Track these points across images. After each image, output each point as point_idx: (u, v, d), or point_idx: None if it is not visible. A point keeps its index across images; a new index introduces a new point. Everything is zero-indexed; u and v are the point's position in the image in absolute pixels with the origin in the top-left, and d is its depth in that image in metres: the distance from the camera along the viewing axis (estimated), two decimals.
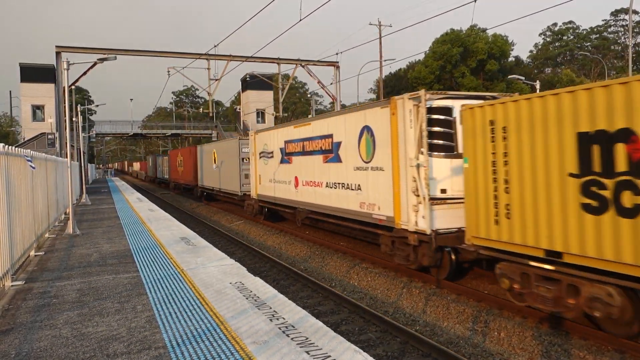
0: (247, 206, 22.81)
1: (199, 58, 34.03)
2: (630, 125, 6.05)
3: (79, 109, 31.85)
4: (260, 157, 20.41)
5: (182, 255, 9.42)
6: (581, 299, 7.06)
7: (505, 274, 8.28)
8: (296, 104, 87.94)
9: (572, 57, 69.67)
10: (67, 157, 15.35)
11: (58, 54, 30.98)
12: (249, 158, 22.49)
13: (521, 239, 7.62)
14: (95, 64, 23.70)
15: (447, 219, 9.74)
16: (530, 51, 76.05)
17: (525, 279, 7.93)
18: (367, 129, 11.94)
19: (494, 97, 9.95)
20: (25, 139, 45.31)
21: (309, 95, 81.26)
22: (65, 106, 19.60)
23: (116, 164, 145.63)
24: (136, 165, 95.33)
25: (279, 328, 5.18)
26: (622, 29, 68.77)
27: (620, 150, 6.17)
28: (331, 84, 38.60)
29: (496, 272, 8.51)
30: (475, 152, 8.54)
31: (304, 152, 15.89)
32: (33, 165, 9.90)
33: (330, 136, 13.89)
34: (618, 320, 6.77)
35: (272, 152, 18.87)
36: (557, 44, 72.36)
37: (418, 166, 9.83)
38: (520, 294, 8.08)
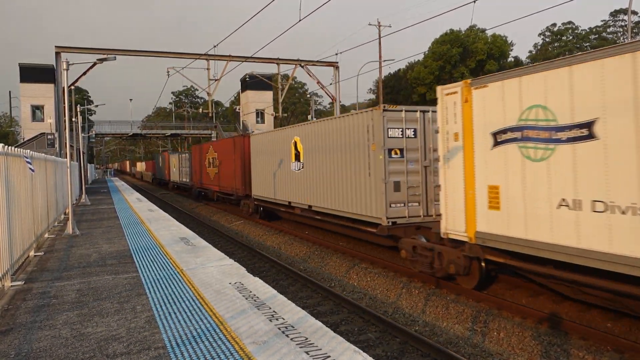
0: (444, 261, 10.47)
1: (199, 58, 34.02)
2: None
3: (78, 109, 31.85)
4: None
5: (181, 256, 9.42)
6: None
7: None
8: (296, 104, 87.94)
9: None
10: (66, 158, 15.34)
11: (58, 54, 30.98)
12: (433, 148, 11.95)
13: None
14: (94, 64, 23.70)
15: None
16: (530, 51, 76.12)
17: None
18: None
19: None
20: (25, 139, 45.29)
21: (308, 96, 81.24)
22: (64, 106, 19.60)
23: (116, 164, 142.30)
24: (140, 166, 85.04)
25: (279, 328, 5.18)
26: (621, 30, 68.85)
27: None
28: (331, 84, 38.61)
29: None
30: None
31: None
32: (32, 168, 9.89)
33: None
34: None
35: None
36: (556, 44, 72.43)
37: None
38: None
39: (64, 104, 20.04)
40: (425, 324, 8.84)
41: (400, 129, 11.82)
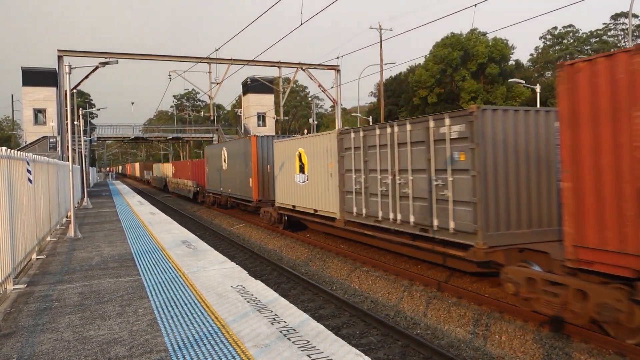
0: None
1: (200, 62, 34.13)
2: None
3: (80, 113, 31.93)
4: None
5: (183, 259, 9.43)
6: None
7: None
8: (297, 108, 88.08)
9: None
10: (68, 161, 15.38)
11: (60, 57, 31.07)
12: None
13: None
14: (96, 67, 23.77)
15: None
16: (531, 54, 76.19)
17: None
18: None
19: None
20: (27, 143, 45.43)
21: (309, 99, 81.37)
22: (66, 110, 19.65)
23: (120, 166, 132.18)
24: (163, 168, 51.78)
25: (280, 331, 5.19)
26: (622, 33, 68.90)
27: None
28: (332, 87, 38.68)
29: None
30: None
31: None
32: (31, 179, 9.89)
33: None
34: None
35: None
36: (557, 48, 72.50)
37: None
38: None
39: (66, 107, 20.11)
40: (426, 327, 8.83)
41: None
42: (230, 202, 26.83)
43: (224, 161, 26.99)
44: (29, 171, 9.68)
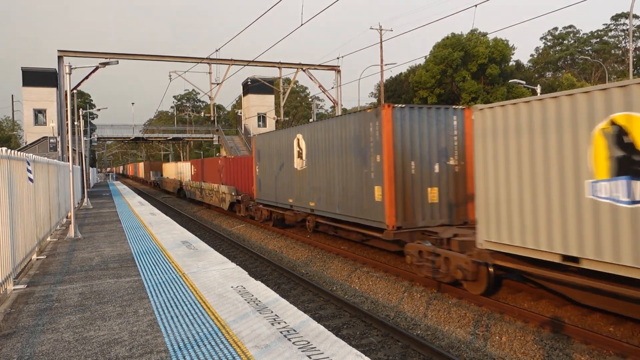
0: None
1: (201, 62, 34.13)
2: None
3: (80, 113, 31.95)
4: None
5: (183, 259, 9.43)
6: None
7: None
8: (297, 108, 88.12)
9: (573, 61, 69.82)
10: (68, 161, 15.39)
11: (60, 58, 31.10)
12: None
13: None
14: (97, 68, 23.80)
15: None
16: (531, 55, 76.21)
17: None
18: None
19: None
20: (27, 143, 45.46)
21: (310, 99, 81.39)
22: (67, 110, 19.66)
23: (121, 167, 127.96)
24: (178, 168, 41.34)
25: (281, 332, 5.19)
26: (623, 33, 68.87)
27: None
28: (332, 88, 38.68)
29: None
30: None
31: None
32: (31, 178, 9.90)
33: None
34: None
35: None
36: (557, 48, 72.49)
37: None
38: None
39: (66, 107, 20.12)
40: (427, 327, 8.83)
41: None
42: (314, 223, 16.50)
43: (300, 156, 16.75)
44: (29, 170, 9.68)
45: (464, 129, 12.17)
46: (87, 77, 30.43)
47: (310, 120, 50.01)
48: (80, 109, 34.85)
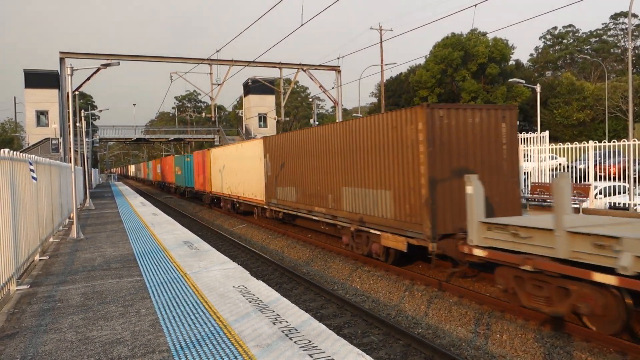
0: None
1: (202, 63, 34.17)
2: None
3: (82, 114, 32.01)
4: None
5: (185, 259, 9.47)
6: None
7: None
8: (298, 108, 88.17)
9: (572, 60, 69.81)
10: (70, 162, 15.44)
11: (62, 59, 31.16)
12: None
13: None
14: (98, 69, 23.84)
15: None
16: (531, 54, 76.19)
17: None
18: None
19: None
20: (30, 144, 45.58)
21: (310, 100, 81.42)
22: (69, 111, 19.71)
23: (124, 167, 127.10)
24: (230, 168, 24.12)
25: (282, 331, 5.22)
26: (622, 32, 68.82)
27: None
28: (333, 88, 38.70)
29: None
30: None
31: None
32: (35, 177, 9.96)
33: None
34: None
35: None
36: (557, 48, 72.46)
37: None
38: None
39: (68, 109, 20.17)
40: (428, 326, 8.85)
41: None
42: None
43: None
44: (32, 170, 9.73)
45: None
46: (88, 79, 30.46)
47: (311, 120, 49.86)
48: (82, 110, 34.93)
